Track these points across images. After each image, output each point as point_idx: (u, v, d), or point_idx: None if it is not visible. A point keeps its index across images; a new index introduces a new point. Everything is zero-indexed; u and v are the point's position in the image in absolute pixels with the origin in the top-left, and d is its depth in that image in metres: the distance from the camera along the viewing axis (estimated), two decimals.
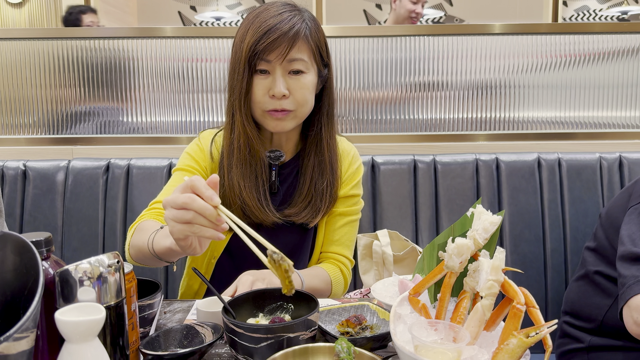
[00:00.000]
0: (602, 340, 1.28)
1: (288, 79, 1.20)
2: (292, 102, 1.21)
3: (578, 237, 1.68)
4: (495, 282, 0.75)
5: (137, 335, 0.84)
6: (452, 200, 1.71)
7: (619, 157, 1.72)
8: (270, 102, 1.20)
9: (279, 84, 1.18)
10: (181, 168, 1.30)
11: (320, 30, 1.25)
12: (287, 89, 1.19)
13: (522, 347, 0.69)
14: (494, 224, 0.81)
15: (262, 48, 1.15)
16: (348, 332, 0.94)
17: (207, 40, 1.88)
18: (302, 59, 1.19)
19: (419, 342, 0.73)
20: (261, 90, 1.20)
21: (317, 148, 1.31)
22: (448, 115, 1.91)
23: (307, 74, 1.21)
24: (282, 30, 1.16)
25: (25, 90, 1.90)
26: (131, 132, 1.91)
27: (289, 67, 1.19)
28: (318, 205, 1.29)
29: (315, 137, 1.31)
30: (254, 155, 1.25)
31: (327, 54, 1.28)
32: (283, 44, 1.16)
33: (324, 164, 1.30)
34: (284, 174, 1.33)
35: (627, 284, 1.06)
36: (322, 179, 1.30)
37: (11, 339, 0.56)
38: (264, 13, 1.19)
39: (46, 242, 0.74)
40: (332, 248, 1.37)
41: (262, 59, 1.17)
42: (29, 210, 1.70)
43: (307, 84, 1.21)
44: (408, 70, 1.89)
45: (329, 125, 1.31)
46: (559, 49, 1.89)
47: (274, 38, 1.15)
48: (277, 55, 1.17)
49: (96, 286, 0.71)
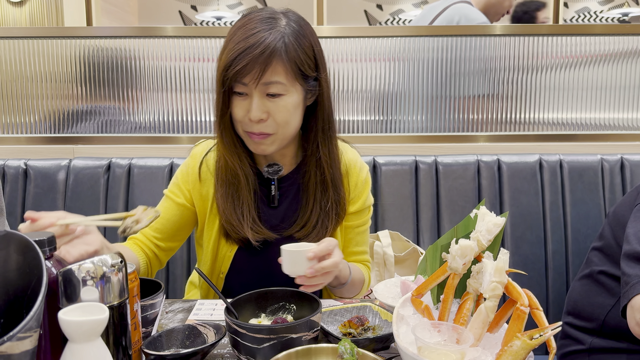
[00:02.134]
0: (603, 342, 1.28)
1: (266, 101, 1.13)
2: (272, 125, 1.15)
3: (579, 238, 1.68)
4: (499, 284, 0.74)
5: (140, 335, 0.84)
6: (453, 202, 1.71)
7: (620, 159, 1.72)
8: (249, 124, 1.15)
9: (254, 107, 1.12)
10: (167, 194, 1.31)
11: (306, 44, 1.15)
12: (265, 111, 1.13)
13: (526, 349, 0.69)
14: (497, 226, 0.81)
15: (233, 75, 1.10)
16: (350, 332, 0.94)
17: (208, 39, 1.88)
18: (278, 82, 1.11)
19: (422, 343, 0.73)
20: (241, 111, 1.15)
21: (318, 167, 1.25)
22: (449, 116, 1.91)
23: (286, 95, 1.14)
24: (254, 54, 1.08)
25: (26, 89, 1.90)
26: (132, 132, 1.91)
27: (265, 89, 1.12)
28: (326, 225, 1.25)
29: (313, 155, 1.25)
30: (235, 177, 1.22)
31: (316, 67, 1.18)
32: (254, 69, 1.09)
33: (325, 183, 1.25)
34: (284, 187, 1.29)
35: (631, 283, 1.05)
36: (327, 199, 1.25)
37: (14, 339, 0.56)
38: (239, 32, 1.12)
39: (49, 242, 0.74)
40: (352, 256, 1.35)
41: (237, 82, 1.12)
42: (30, 209, 1.68)
43: (286, 106, 1.14)
44: (409, 70, 1.89)
45: (326, 141, 1.24)
46: (560, 50, 1.89)
47: (243, 64, 1.08)
48: (250, 79, 1.10)
49: (99, 286, 0.71)
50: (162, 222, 1.28)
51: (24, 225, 0.95)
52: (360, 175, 1.32)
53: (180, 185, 1.30)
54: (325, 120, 1.24)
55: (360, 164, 1.34)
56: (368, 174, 1.35)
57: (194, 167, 1.29)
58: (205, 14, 6.11)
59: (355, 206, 1.31)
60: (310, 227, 1.24)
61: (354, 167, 1.32)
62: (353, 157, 1.33)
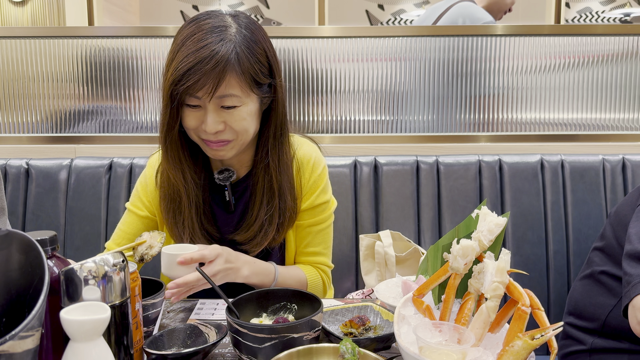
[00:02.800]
0: (604, 342, 1.28)
1: (221, 112, 1.09)
2: (230, 132, 1.12)
3: (581, 239, 1.68)
4: (500, 284, 0.74)
5: (141, 334, 0.84)
6: (454, 202, 1.71)
7: (622, 160, 1.72)
8: (204, 132, 1.11)
9: (210, 121, 1.08)
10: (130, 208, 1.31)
11: (258, 51, 1.11)
12: (221, 122, 1.10)
13: (527, 349, 0.69)
14: (499, 226, 0.81)
15: (184, 90, 1.05)
16: (351, 332, 0.94)
17: None
18: (233, 94, 1.08)
19: (424, 343, 0.73)
20: (193, 121, 1.11)
21: (267, 173, 1.21)
22: (451, 116, 1.91)
23: (241, 106, 1.10)
24: (204, 69, 1.03)
25: (28, 88, 1.90)
26: (134, 131, 1.91)
27: (219, 102, 1.08)
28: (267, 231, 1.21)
29: (262, 161, 1.21)
30: (177, 192, 1.20)
31: (270, 73, 1.15)
32: (208, 83, 1.04)
33: (272, 189, 1.21)
34: (239, 191, 1.26)
35: (633, 283, 1.05)
36: (271, 206, 1.21)
37: (17, 338, 0.57)
38: (188, 42, 1.06)
39: (51, 241, 0.74)
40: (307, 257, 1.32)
41: (188, 95, 1.07)
42: (31, 208, 1.70)
43: (242, 116, 1.11)
44: (410, 71, 1.89)
45: (277, 147, 1.21)
46: (562, 50, 1.88)
47: (195, 79, 1.03)
48: (204, 94, 1.06)
49: (101, 285, 0.71)
50: (128, 235, 1.28)
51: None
52: (314, 171, 1.27)
53: (141, 197, 1.29)
54: (278, 126, 1.20)
55: (316, 159, 1.29)
56: (324, 170, 1.30)
57: (151, 177, 1.28)
58: None
59: (306, 203, 1.27)
60: (252, 232, 1.21)
61: (307, 164, 1.27)
62: (307, 153, 1.29)
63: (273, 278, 1.21)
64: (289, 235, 1.28)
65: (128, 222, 1.30)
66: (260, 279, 1.18)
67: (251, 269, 1.16)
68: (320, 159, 1.30)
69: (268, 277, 1.20)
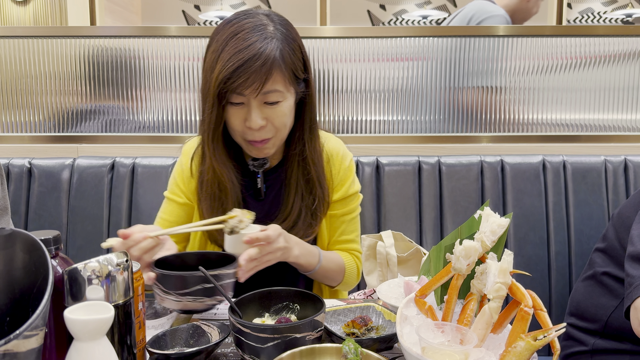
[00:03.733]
0: (606, 343, 1.28)
1: (264, 108, 1.14)
2: (271, 130, 1.17)
3: (582, 240, 1.68)
4: (502, 285, 0.75)
5: (144, 334, 0.84)
6: (456, 202, 1.71)
7: (624, 160, 1.72)
8: (249, 132, 1.16)
9: (254, 117, 1.13)
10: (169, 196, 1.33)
11: (295, 47, 1.16)
12: (264, 118, 1.14)
13: (530, 350, 0.69)
14: (501, 227, 0.81)
15: (235, 86, 1.08)
16: (354, 332, 0.94)
17: None
18: (277, 90, 1.12)
19: (426, 343, 0.73)
20: (237, 120, 1.15)
21: (302, 164, 1.25)
22: (453, 117, 1.91)
23: (283, 101, 1.15)
24: (254, 67, 1.07)
25: (30, 88, 1.90)
26: (136, 131, 1.92)
27: (263, 99, 1.13)
28: (310, 222, 1.26)
29: (300, 154, 1.25)
30: (222, 190, 1.22)
31: (306, 70, 1.20)
32: (257, 81, 1.08)
33: (311, 181, 1.25)
34: (270, 179, 1.30)
35: (635, 284, 1.05)
36: (310, 196, 1.26)
37: (21, 337, 0.57)
38: (233, 41, 1.10)
39: (55, 241, 0.75)
40: (342, 245, 1.36)
41: (234, 93, 1.11)
42: (34, 208, 1.71)
43: (284, 111, 1.16)
44: (412, 71, 1.89)
45: (312, 139, 1.26)
46: (564, 51, 1.88)
47: (246, 77, 1.07)
48: (250, 91, 1.10)
49: (105, 285, 0.71)
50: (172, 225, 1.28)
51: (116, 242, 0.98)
52: (343, 162, 1.32)
53: (179, 184, 1.31)
54: (313, 120, 1.25)
55: (343, 151, 1.34)
56: (352, 161, 1.35)
57: (186, 163, 1.30)
58: (209, 13, 6.12)
59: (339, 194, 1.32)
60: (291, 222, 1.25)
61: (337, 155, 1.32)
62: (335, 146, 1.34)
63: (318, 260, 1.24)
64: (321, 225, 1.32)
65: (169, 211, 1.32)
66: (307, 260, 1.21)
67: (301, 249, 1.19)
68: (347, 151, 1.36)
69: (314, 258, 1.24)
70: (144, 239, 0.98)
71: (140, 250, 0.98)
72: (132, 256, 0.97)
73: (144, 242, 0.98)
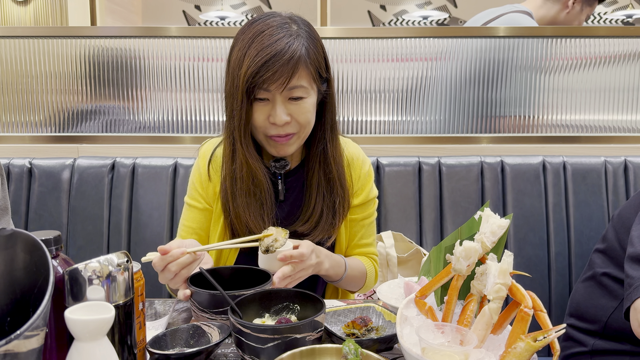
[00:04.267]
0: (606, 344, 1.28)
1: (288, 104, 1.16)
2: (295, 126, 1.18)
3: (582, 240, 1.68)
4: (503, 286, 0.75)
5: (144, 334, 0.84)
6: (456, 203, 1.71)
7: (624, 161, 1.72)
8: (272, 127, 1.17)
9: (279, 112, 1.14)
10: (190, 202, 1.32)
11: (319, 46, 1.19)
12: (288, 114, 1.16)
13: (530, 350, 0.69)
14: (501, 228, 0.81)
15: (262, 81, 1.11)
16: (354, 333, 0.94)
17: (212, 40, 1.88)
18: (302, 86, 1.15)
19: (426, 344, 0.73)
20: (262, 116, 1.17)
21: (324, 164, 1.26)
22: (453, 117, 1.91)
23: (307, 98, 1.17)
24: (281, 61, 1.10)
25: (31, 88, 1.90)
26: (137, 131, 1.92)
27: (288, 94, 1.15)
28: (332, 222, 1.26)
29: (322, 154, 1.26)
30: (257, 185, 1.22)
31: (327, 69, 1.23)
32: (283, 75, 1.11)
33: (332, 180, 1.26)
34: (290, 182, 1.30)
35: (634, 285, 1.05)
36: (332, 196, 1.26)
37: (21, 337, 0.57)
38: (259, 38, 1.12)
39: (55, 241, 0.75)
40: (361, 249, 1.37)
41: (260, 89, 1.13)
42: (34, 208, 1.71)
43: (308, 107, 1.18)
44: (412, 72, 1.89)
45: (333, 139, 1.27)
46: (564, 52, 1.88)
47: (273, 71, 1.10)
48: (277, 86, 1.12)
49: (105, 285, 0.71)
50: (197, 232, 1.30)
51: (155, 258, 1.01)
52: (363, 167, 1.34)
53: (198, 190, 1.31)
54: (333, 120, 1.27)
55: (363, 157, 1.36)
56: (371, 166, 1.38)
57: (204, 167, 1.30)
58: (209, 14, 6.12)
59: (359, 198, 1.33)
60: (313, 222, 1.26)
61: (357, 160, 1.34)
62: (355, 151, 1.36)
63: (344, 269, 1.26)
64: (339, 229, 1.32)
65: (191, 218, 1.31)
66: (335, 271, 1.24)
67: (330, 261, 1.21)
68: (366, 157, 1.38)
69: (341, 268, 1.26)
70: (182, 255, 1.00)
71: (178, 266, 1.00)
72: (170, 271, 0.99)
73: (182, 258, 1.00)
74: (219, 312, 0.97)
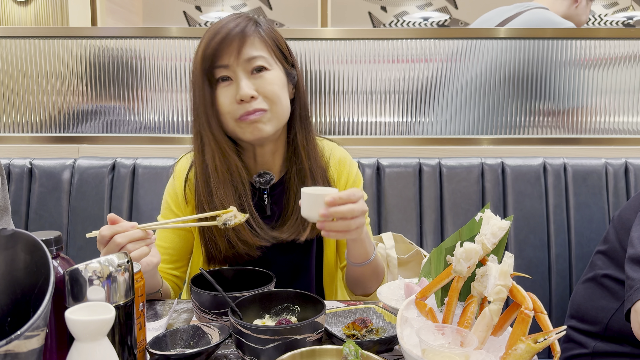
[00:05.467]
0: (607, 346, 1.28)
1: (252, 78, 1.14)
2: (263, 102, 1.14)
3: (583, 242, 1.68)
4: (503, 287, 0.75)
5: (145, 334, 0.84)
6: (457, 204, 1.71)
7: (624, 163, 1.72)
8: (239, 107, 1.14)
9: (243, 85, 1.12)
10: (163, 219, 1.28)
11: (277, 31, 1.21)
12: (253, 89, 1.13)
13: (531, 352, 0.69)
14: (502, 229, 0.81)
15: (212, 51, 1.12)
16: (354, 334, 0.94)
17: None
18: (261, 55, 1.14)
19: (427, 345, 0.73)
20: (227, 98, 1.14)
21: (295, 157, 1.23)
22: (454, 119, 1.91)
23: (270, 70, 1.16)
24: (230, 30, 1.13)
25: (32, 88, 1.90)
26: (137, 132, 1.92)
27: (249, 66, 1.14)
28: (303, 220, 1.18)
29: (292, 145, 1.24)
30: (232, 173, 1.18)
31: (290, 53, 1.23)
32: (234, 42, 1.12)
33: (303, 172, 1.22)
34: (275, 194, 1.26)
35: (635, 287, 1.05)
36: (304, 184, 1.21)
37: (22, 337, 0.57)
38: (211, 28, 1.16)
39: (56, 241, 0.75)
40: None
41: (218, 66, 1.13)
42: (34, 208, 1.71)
43: (273, 79, 1.15)
44: (413, 73, 1.89)
45: (303, 130, 1.24)
46: (564, 54, 1.88)
47: (221, 38, 1.12)
48: (230, 56, 1.12)
49: (106, 285, 0.71)
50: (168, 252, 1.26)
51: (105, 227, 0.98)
52: (351, 171, 1.33)
53: (173, 210, 1.27)
54: (303, 108, 1.25)
55: (350, 159, 1.35)
56: (358, 170, 1.37)
57: (180, 188, 1.26)
58: (210, 14, 6.12)
59: None
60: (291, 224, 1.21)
61: (344, 164, 1.33)
62: (343, 155, 1.35)
63: (373, 249, 1.19)
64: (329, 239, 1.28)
65: (162, 237, 1.26)
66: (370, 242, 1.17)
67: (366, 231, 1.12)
68: (353, 160, 1.37)
69: (371, 246, 1.18)
70: (132, 228, 0.97)
71: (125, 238, 0.95)
72: (115, 243, 0.95)
73: (131, 231, 0.96)
74: (219, 313, 0.97)
